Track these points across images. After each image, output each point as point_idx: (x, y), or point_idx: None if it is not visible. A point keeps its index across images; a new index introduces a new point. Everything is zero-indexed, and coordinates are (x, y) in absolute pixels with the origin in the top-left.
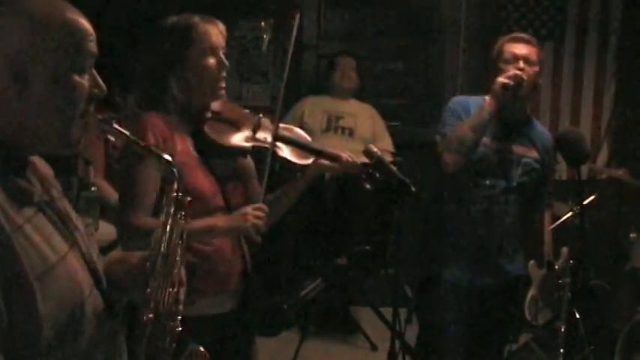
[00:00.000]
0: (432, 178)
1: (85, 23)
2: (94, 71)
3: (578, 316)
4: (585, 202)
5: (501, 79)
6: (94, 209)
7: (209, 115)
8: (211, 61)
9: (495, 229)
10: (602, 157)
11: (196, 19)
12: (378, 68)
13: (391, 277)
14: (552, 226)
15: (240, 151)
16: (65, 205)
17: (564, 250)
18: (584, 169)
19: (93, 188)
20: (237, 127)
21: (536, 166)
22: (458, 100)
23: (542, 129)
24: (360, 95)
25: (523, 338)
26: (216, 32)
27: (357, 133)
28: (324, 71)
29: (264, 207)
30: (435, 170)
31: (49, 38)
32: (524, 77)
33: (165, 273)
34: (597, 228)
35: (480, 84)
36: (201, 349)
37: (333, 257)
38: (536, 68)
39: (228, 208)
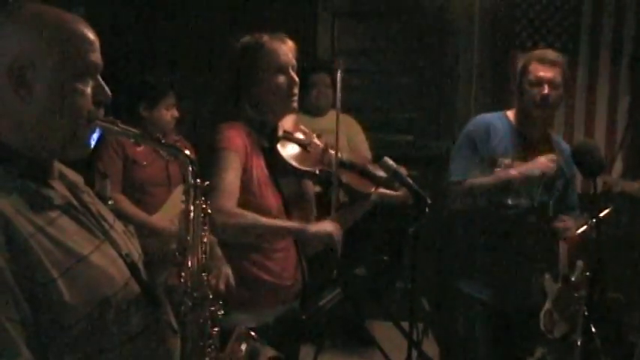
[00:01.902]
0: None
1: (88, 33)
2: (99, 77)
3: (594, 329)
4: (601, 215)
5: (542, 168)
6: None
7: (282, 133)
8: (281, 78)
9: (520, 247)
10: (617, 170)
11: (265, 37)
12: (391, 82)
13: (407, 291)
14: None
15: (308, 173)
16: (100, 208)
17: (579, 263)
18: (599, 182)
19: (110, 202)
20: (306, 149)
21: (557, 182)
22: (477, 123)
23: (559, 141)
24: (373, 108)
25: (538, 352)
26: (284, 50)
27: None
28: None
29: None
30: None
31: (50, 46)
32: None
33: (194, 259)
34: (613, 241)
35: (493, 97)
36: (251, 332)
37: (352, 268)
38: (561, 91)
39: None
